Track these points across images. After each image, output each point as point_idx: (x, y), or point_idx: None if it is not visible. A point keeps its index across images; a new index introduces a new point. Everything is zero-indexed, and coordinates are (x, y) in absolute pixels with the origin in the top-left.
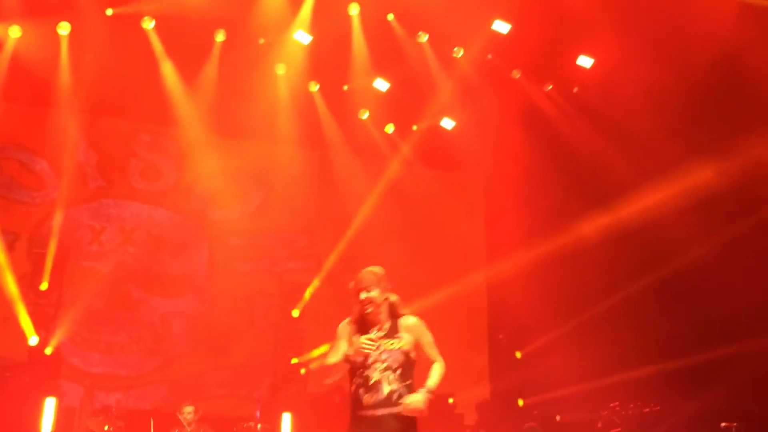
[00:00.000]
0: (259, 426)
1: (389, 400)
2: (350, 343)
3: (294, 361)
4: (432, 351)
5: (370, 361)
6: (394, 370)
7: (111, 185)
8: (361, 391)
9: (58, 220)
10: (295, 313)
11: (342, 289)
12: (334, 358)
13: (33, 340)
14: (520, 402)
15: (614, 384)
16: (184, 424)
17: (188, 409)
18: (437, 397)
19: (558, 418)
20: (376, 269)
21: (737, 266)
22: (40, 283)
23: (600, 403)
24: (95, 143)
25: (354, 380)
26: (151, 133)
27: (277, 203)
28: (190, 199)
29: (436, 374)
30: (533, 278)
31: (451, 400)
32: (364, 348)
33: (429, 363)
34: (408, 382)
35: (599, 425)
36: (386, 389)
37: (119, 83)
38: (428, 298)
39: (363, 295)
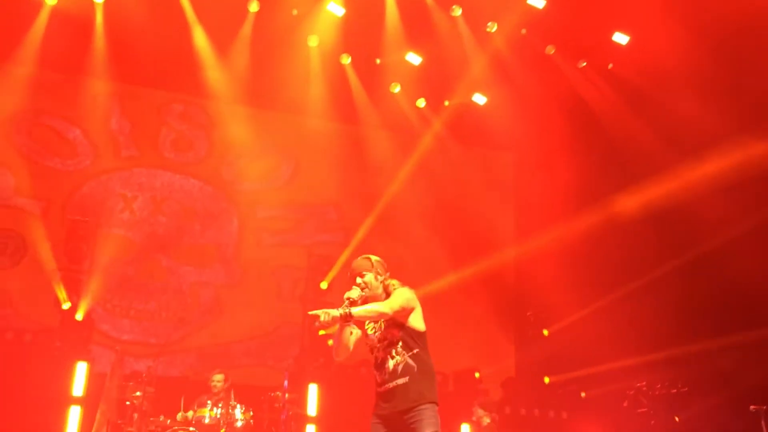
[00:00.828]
0: (286, 395)
1: (395, 373)
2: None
3: (321, 333)
4: (388, 300)
5: (375, 342)
6: (395, 345)
7: (143, 154)
8: (374, 369)
9: (90, 187)
10: (324, 285)
11: None
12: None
13: (65, 305)
14: (546, 379)
15: (642, 364)
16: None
17: (218, 377)
18: (463, 372)
19: (583, 395)
20: (372, 256)
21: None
22: (73, 249)
23: (626, 383)
24: (128, 112)
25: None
26: (183, 103)
27: (307, 176)
28: (221, 170)
29: (367, 305)
30: (562, 256)
31: (477, 375)
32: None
33: (442, 335)
34: (414, 351)
35: (625, 404)
36: (391, 364)
37: (153, 53)
38: (457, 274)
39: (358, 280)
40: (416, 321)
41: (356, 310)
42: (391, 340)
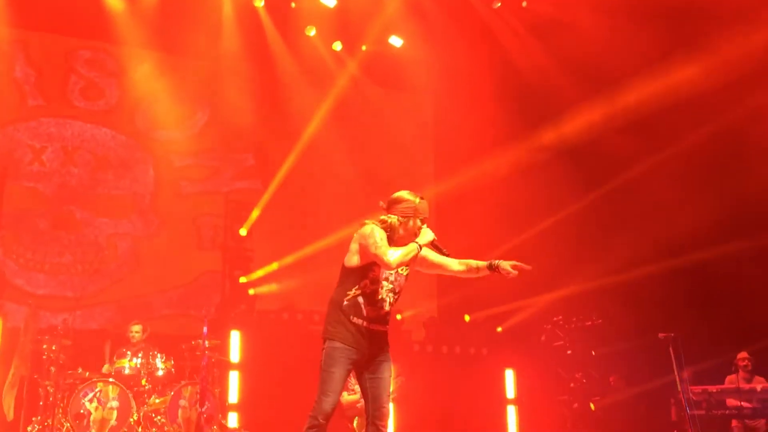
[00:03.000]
0: (207, 343)
1: (386, 318)
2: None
3: (242, 280)
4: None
5: (381, 277)
6: (396, 293)
7: (51, 104)
8: (362, 300)
9: None
10: (243, 231)
11: (288, 207)
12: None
13: None
14: (467, 317)
15: (558, 298)
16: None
17: (136, 328)
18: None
19: (499, 329)
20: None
21: (677, 184)
22: None
23: (543, 317)
24: (33, 60)
25: (356, 288)
26: (91, 50)
27: (223, 122)
28: (134, 118)
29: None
30: (480, 196)
31: (399, 317)
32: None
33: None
34: (395, 308)
35: (543, 338)
36: (387, 307)
37: None
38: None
39: (427, 236)
40: None
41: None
42: (395, 287)
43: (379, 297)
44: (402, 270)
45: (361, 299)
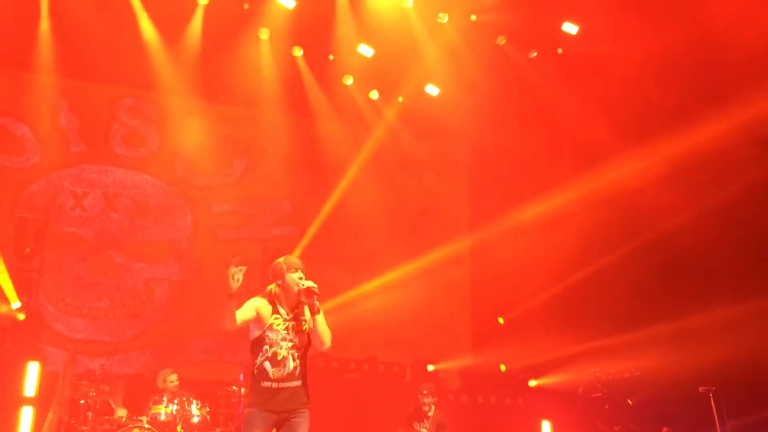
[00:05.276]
0: (243, 390)
1: (293, 375)
2: (258, 316)
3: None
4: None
5: (278, 338)
6: (299, 349)
7: (93, 150)
8: (267, 364)
9: (39, 185)
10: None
11: (325, 254)
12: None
13: (15, 305)
14: (503, 367)
15: (595, 350)
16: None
17: (171, 378)
18: (417, 362)
19: (533, 383)
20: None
21: (714, 235)
22: (22, 248)
23: (581, 369)
24: (77, 108)
25: (260, 355)
26: (133, 98)
27: (261, 170)
28: (174, 165)
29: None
30: (517, 245)
31: (431, 368)
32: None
33: (401, 325)
34: (306, 359)
35: (580, 390)
36: (291, 365)
37: (101, 47)
38: (412, 265)
39: (306, 282)
40: None
41: (320, 315)
42: (297, 344)
43: (281, 358)
44: (278, 324)
45: (267, 364)
